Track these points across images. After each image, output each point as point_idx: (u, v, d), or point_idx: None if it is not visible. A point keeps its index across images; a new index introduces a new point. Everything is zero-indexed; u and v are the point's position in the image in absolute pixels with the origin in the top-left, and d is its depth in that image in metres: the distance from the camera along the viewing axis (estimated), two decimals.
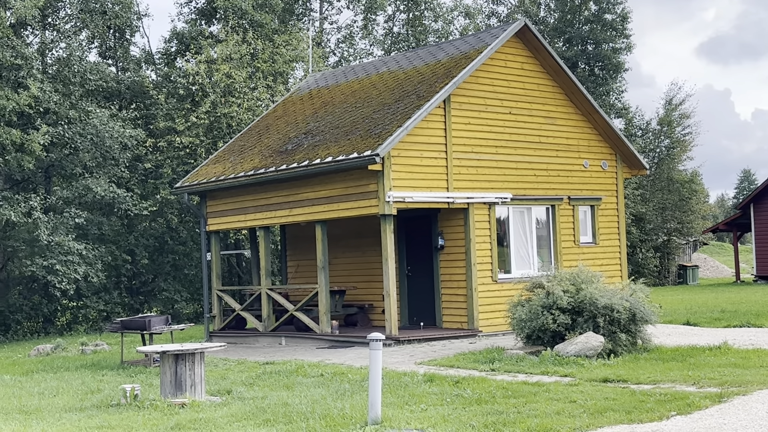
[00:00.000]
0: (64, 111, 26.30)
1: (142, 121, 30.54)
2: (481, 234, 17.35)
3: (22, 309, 27.03)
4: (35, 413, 10.56)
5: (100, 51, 32.12)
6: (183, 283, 30.55)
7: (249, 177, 18.43)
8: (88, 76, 27.25)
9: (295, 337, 18.06)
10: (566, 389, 10.32)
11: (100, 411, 10.43)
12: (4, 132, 24.15)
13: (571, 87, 18.93)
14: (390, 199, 15.90)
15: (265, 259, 18.87)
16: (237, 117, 28.60)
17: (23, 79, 25.23)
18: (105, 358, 17.08)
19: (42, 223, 24.54)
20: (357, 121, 17.87)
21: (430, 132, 16.82)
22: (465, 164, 17.26)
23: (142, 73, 31.89)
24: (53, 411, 10.64)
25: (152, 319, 15.58)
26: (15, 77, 25.33)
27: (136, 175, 29.51)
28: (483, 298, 17.10)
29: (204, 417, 9.57)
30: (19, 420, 10.09)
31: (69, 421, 9.85)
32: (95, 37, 31.00)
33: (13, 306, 26.86)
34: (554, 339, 13.33)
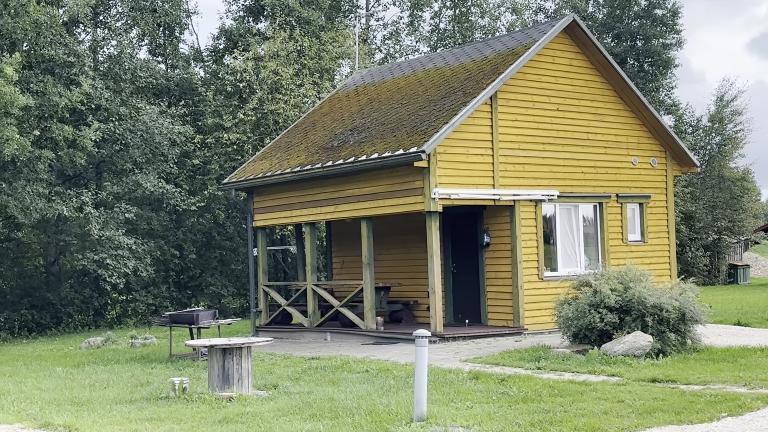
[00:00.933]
0: (115, 108, 26.74)
1: (190, 118, 30.92)
2: (528, 231, 17.24)
3: (74, 302, 27.57)
4: (86, 405, 10.77)
5: (149, 48, 32.58)
6: (230, 278, 30.87)
7: (295, 173, 18.53)
8: (139, 74, 27.65)
9: (340, 332, 18.13)
10: (614, 389, 10.21)
11: (149, 403, 10.60)
12: (57, 128, 24.63)
13: (620, 83, 18.70)
14: (435, 196, 15.88)
15: (310, 255, 18.98)
16: (283, 114, 28.79)
17: (75, 76, 25.70)
18: (154, 352, 17.34)
19: (93, 218, 24.99)
20: (403, 117, 17.86)
21: (476, 129, 16.75)
22: (511, 161, 17.16)
23: (190, 70, 32.28)
24: (104, 403, 10.84)
25: (200, 314, 15.75)
26: (67, 74, 25.82)
27: (184, 171, 29.88)
28: (529, 296, 17.00)
29: (251, 411, 9.67)
30: (71, 411, 10.30)
31: (119, 413, 10.03)
32: (145, 34, 31.46)
33: (64, 299, 27.41)
34: (601, 338, 13.19)
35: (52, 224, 27.53)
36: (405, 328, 17.78)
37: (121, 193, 27.16)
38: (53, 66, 25.66)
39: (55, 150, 25.33)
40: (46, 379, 13.64)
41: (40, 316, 26.98)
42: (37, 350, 20.34)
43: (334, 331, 18.35)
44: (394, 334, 16.99)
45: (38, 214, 24.14)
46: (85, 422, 9.54)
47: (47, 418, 9.83)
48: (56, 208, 24.45)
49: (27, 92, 24.16)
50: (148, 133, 27.12)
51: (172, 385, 11.00)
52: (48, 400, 11.27)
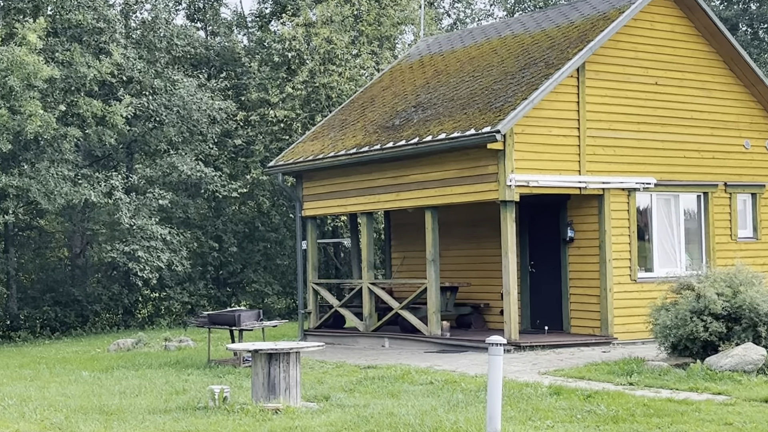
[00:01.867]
0: (149, 80, 27.16)
1: (232, 92, 31.26)
2: (619, 225, 17.06)
3: (101, 299, 28.12)
4: (116, 414, 11.00)
5: (187, 13, 33.02)
6: (275, 274, 31.18)
7: (351, 156, 18.62)
8: (175, 41, 28.05)
9: (400, 338, 18.20)
10: (720, 409, 10.06)
11: (186, 414, 10.79)
12: (85, 103, 25.10)
13: (730, 53, 18.33)
14: (512, 183, 15.80)
15: (366, 250, 19.07)
16: (338, 87, 28.91)
17: (105, 44, 26.17)
18: (190, 356, 17.62)
19: (123, 205, 25.43)
20: (475, 92, 17.80)
21: (560, 106, 16.61)
22: (601, 143, 16.98)
23: (233, 38, 32.62)
24: (135, 412, 11.06)
25: (242, 314, 15.92)
26: (96, 42, 26.31)
27: (225, 153, 30.24)
28: (619, 300, 16.83)
29: (300, 425, 9.77)
30: (99, 421, 10.53)
31: (153, 424, 10.23)
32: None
33: (91, 295, 27.96)
34: (705, 350, 13.01)
35: (78, 211, 28.13)
36: (475, 334, 17.76)
37: (155, 177, 27.60)
38: (81, 33, 26.17)
39: (83, 127, 25.84)
40: (71, 385, 13.98)
41: (65, 314, 27.61)
42: (62, 352, 20.85)
43: (393, 336, 18.42)
44: (462, 341, 16.98)
45: (63, 199, 24.66)
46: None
47: (73, 428, 10.08)
48: (83, 192, 24.94)
49: (52, 62, 24.69)
50: (185, 109, 27.50)
51: (211, 393, 11.16)
52: (74, 407, 11.55)
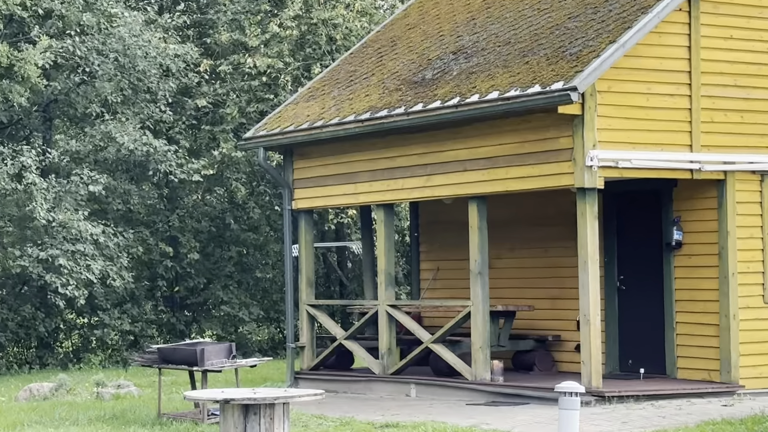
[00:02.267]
0: (75, 15, 27.17)
1: (193, 32, 31.28)
2: (748, 224, 17.02)
3: (7, 326, 28.12)
4: None
5: None
6: (253, 292, 31.18)
7: (362, 124, 18.60)
8: None
9: (432, 384, 18.18)
10: None
11: None
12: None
13: None
14: (594, 164, 15.75)
15: (385, 258, 19.04)
16: (344, 25, 28.88)
17: None
18: (133, 407, 17.64)
19: (38, 192, 25.43)
20: (540, 32, 17.76)
21: (662, 52, 16.55)
22: (723, 107, 16.91)
23: None
24: None
25: (206, 349, 15.91)
26: None
27: (183, 119, 30.25)
28: (747, 332, 16.79)
29: None
30: None
31: None
32: None
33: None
34: None
35: None
36: (539, 379, 17.75)
37: (83, 153, 27.62)
38: None
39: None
40: None
41: None
42: None
43: (422, 381, 18.40)
44: (522, 388, 16.96)
45: None
46: None
47: None
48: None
49: None
50: (125, 56, 27.51)
51: None
52: None
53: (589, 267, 15.96)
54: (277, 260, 30.78)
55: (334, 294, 31.74)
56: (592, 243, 15.99)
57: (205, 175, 29.10)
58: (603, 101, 15.98)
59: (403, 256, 30.19)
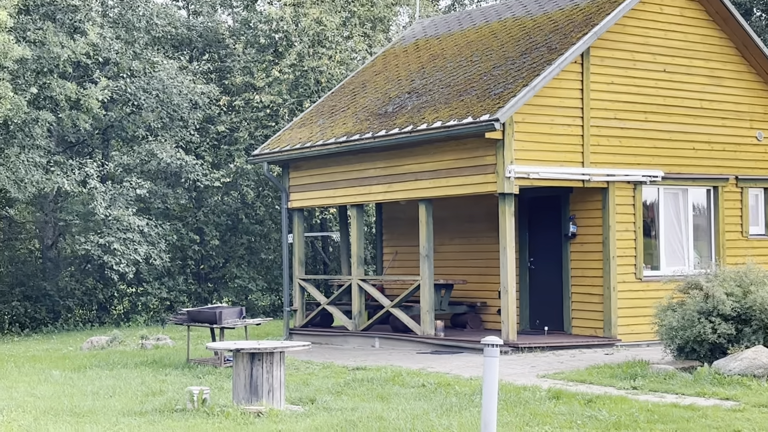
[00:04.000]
0: (126, 62, 27.09)
1: (215, 76, 31.20)
2: (624, 220, 17.09)
3: (74, 294, 28.05)
4: (89, 416, 10.98)
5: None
6: (259, 269, 31.16)
7: (340, 144, 18.61)
8: (155, 21, 27.95)
9: (391, 338, 18.21)
10: (728, 416, 10.09)
11: (162, 416, 10.78)
12: (58, 85, 25.00)
13: (743, 39, 18.35)
14: (511, 175, 15.81)
15: (357, 244, 19.07)
16: (327, 72, 28.86)
17: (80, 23, 26.06)
18: (168, 355, 17.62)
19: (98, 194, 25.37)
20: (473, 78, 17.79)
21: (563, 93, 16.62)
22: (606, 134, 17.00)
23: (216, 17, 32.54)
24: (109, 414, 11.04)
25: (224, 311, 15.92)
26: (71, 21, 26.20)
27: (207, 140, 30.17)
28: (624, 300, 16.87)
29: (284, 429, 9.77)
30: (70, 423, 10.52)
31: (127, 427, 10.22)
32: None
33: (63, 290, 27.89)
34: (713, 353, 13.05)
35: (51, 200, 28.05)
36: (470, 334, 17.79)
37: (132, 165, 27.53)
38: (54, 11, 26.07)
39: (56, 112, 25.76)
40: (41, 385, 13.95)
41: (35, 310, 27.56)
42: (31, 350, 20.82)
43: (383, 336, 18.44)
44: (457, 341, 17.00)
45: (34, 187, 24.59)
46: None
47: (43, 431, 10.06)
48: (55, 180, 24.88)
49: (23, 42, 24.59)
50: (164, 93, 27.44)
51: (189, 395, 11.15)
52: (43, 409, 11.53)
53: (507, 252, 16.03)
54: (277, 246, 30.81)
55: (319, 271, 31.72)
56: (509, 234, 16.05)
57: (224, 182, 29.07)
58: (518, 129, 16.04)
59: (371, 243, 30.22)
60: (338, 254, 28.39)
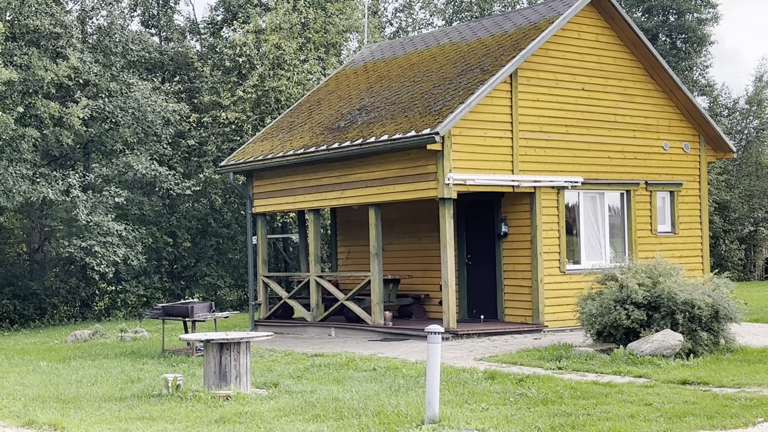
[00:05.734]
0: (105, 83, 26.76)
1: (185, 95, 30.94)
2: (549, 221, 17.25)
3: (59, 292, 27.67)
4: (73, 402, 10.84)
5: (142, 20, 32.57)
6: (226, 268, 30.96)
7: (298, 156, 18.56)
8: (130, 46, 27.66)
9: (346, 328, 18.20)
10: (641, 391, 10.23)
11: (140, 401, 10.67)
12: (43, 105, 24.65)
13: (651, 61, 18.64)
14: (450, 182, 15.88)
15: (314, 245, 19.03)
16: (286, 91, 28.77)
17: (62, 48, 25.72)
18: (145, 346, 17.45)
19: (80, 202, 25.05)
20: (415, 96, 17.85)
21: (494, 109, 16.74)
22: (532, 145, 17.15)
23: (186, 43, 32.27)
24: (92, 400, 10.91)
25: (195, 306, 15.82)
26: (54, 47, 25.84)
27: (178, 153, 29.93)
28: (549, 291, 17.02)
29: (250, 410, 9.73)
30: (57, 409, 10.37)
31: (108, 411, 10.10)
32: (137, 4, 31.45)
33: (49, 289, 27.52)
34: (627, 336, 13.21)
35: (37, 208, 27.60)
36: (415, 323, 17.83)
37: (111, 176, 27.22)
38: (38, 38, 25.68)
39: (40, 128, 25.38)
40: (29, 375, 13.74)
41: (23, 307, 27.13)
42: (20, 343, 20.47)
43: (338, 326, 18.41)
44: (404, 329, 17.03)
45: (21, 197, 24.22)
46: (72, 421, 9.61)
47: (31, 416, 9.91)
48: (41, 190, 24.52)
49: (10, 66, 24.21)
50: (139, 111, 27.16)
51: (165, 382, 11.06)
52: (32, 396, 11.36)
53: (447, 249, 16.09)
54: (242, 247, 30.65)
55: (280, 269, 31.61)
56: (449, 234, 16.11)
57: (194, 191, 28.86)
58: (456, 141, 16.12)
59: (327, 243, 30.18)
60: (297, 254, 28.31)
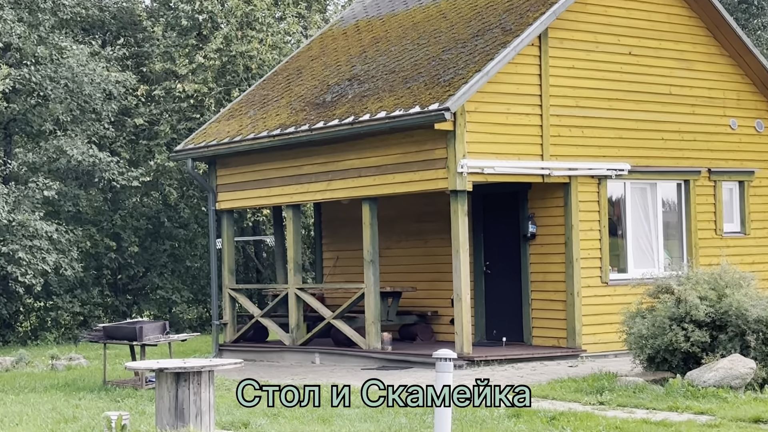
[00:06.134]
0: (30, 47, 26.72)
1: (132, 62, 30.91)
2: (588, 219, 17.25)
3: None
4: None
5: None
6: (184, 279, 30.95)
7: (274, 138, 18.55)
8: (62, 1, 27.63)
9: (334, 353, 18.20)
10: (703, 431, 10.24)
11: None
12: None
13: (715, 19, 18.64)
14: (464, 170, 15.88)
15: (294, 249, 19.03)
16: (258, 57, 28.76)
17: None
18: (82, 376, 17.42)
19: (0, 197, 25.03)
20: (420, 63, 17.84)
21: (519, 79, 16.74)
22: (567, 123, 17.15)
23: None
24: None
25: (144, 326, 15.82)
26: None
27: (123, 134, 29.92)
28: (588, 306, 17.03)
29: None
30: None
31: None
32: None
33: None
34: (686, 363, 13.23)
35: None
36: (420, 347, 17.83)
37: (38, 164, 27.19)
38: None
39: None
40: None
41: None
42: None
43: (324, 351, 18.41)
44: (406, 355, 17.04)
45: None
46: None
47: None
48: None
49: None
50: (74, 82, 27.12)
51: (107, 421, 11.04)
52: None
53: (460, 255, 16.09)
54: (204, 252, 30.62)
55: (252, 279, 31.58)
56: (462, 235, 16.12)
57: (143, 182, 28.82)
58: (471, 119, 16.13)
59: (309, 247, 30.16)
60: (273, 260, 28.28)
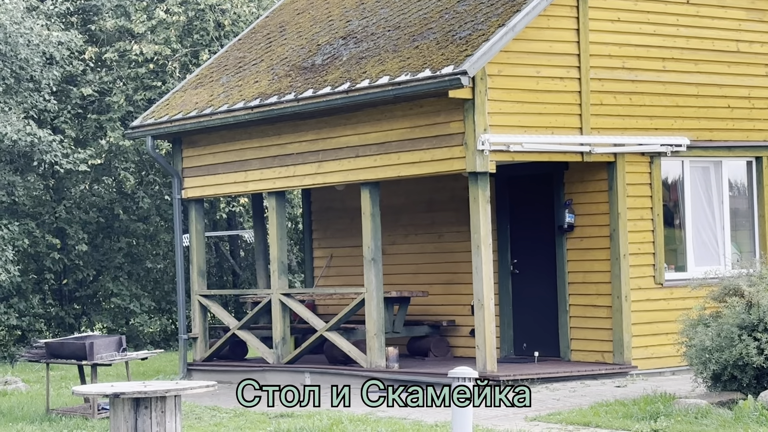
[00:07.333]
0: None
1: (78, 19, 30.93)
2: (638, 206, 17.25)
3: None
4: None
5: None
6: (143, 283, 30.98)
7: (252, 110, 18.54)
8: None
9: (328, 372, 18.22)
10: None
11: None
12: None
13: None
14: (485, 147, 15.87)
15: (277, 246, 19.04)
16: (232, 11, 28.76)
17: None
18: (21, 404, 17.44)
19: None
20: (429, 16, 17.83)
21: (552, 35, 16.72)
22: (611, 89, 17.13)
23: None
24: None
25: (96, 342, 15.81)
26: None
27: (68, 107, 29.93)
28: (639, 313, 17.03)
29: None
30: None
31: None
32: None
33: None
34: (759, 381, 13.23)
35: None
36: (434, 365, 17.86)
37: None
38: None
39: None
40: None
41: None
42: None
43: (317, 369, 18.44)
44: (417, 374, 17.06)
45: None
46: None
47: None
48: None
49: None
50: (7, 44, 27.15)
51: None
52: None
53: (482, 251, 16.07)
54: (167, 250, 30.61)
55: (227, 284, 31.62)
56: (484, 227, 16.09)
57: (93, 165, 28.82)
58: (493, 85, 16.10)
59: (297, 243, 30.18)
60: (252, 260, 28.30)
